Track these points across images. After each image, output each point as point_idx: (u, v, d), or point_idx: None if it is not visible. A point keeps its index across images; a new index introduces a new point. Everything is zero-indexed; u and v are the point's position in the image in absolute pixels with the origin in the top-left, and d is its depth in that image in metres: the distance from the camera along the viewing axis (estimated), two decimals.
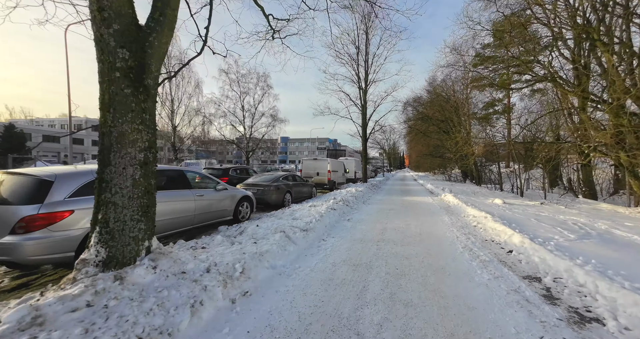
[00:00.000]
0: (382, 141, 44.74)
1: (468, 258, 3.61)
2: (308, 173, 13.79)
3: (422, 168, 46.16)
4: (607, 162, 12.60)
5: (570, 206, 8.56)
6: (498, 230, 4.73)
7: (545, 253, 3.30)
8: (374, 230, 5.35)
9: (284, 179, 8.95)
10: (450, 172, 28.96)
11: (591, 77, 9.82)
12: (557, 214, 6.97)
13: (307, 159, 14.08)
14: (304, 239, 4.20)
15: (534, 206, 8.55)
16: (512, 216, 6.28)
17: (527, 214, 6.83)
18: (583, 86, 8.61)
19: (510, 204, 8.93)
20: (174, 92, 20.79)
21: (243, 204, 6.19)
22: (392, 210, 7.95)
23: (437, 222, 6.12)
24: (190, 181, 4.87)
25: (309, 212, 5.94)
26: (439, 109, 23.42)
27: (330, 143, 75.62)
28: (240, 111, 31.11)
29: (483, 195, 12.11)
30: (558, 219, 6.13)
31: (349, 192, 10.60)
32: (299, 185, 9.66)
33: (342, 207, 7.20)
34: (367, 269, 3.27)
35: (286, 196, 8.47)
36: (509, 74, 24.91)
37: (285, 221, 5.04)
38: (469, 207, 7.25)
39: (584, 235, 4.48)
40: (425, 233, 5.07)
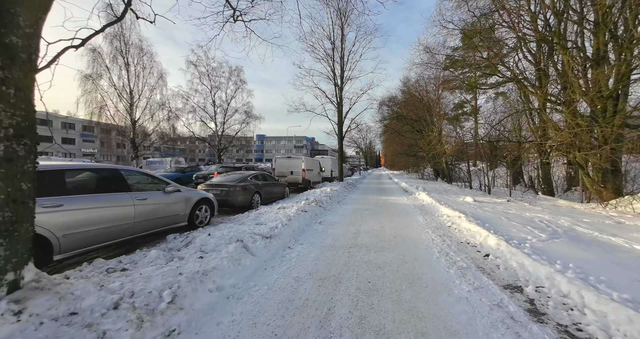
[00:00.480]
0: (359, 139, 45.20)
1: (445, 265, 3.32)
2: (282, 172, 13.14)
3: (397, 167, 47.46)
4: (561, 160, 13.61)
5: (534, 203, 8.91)
6: (473, 231, 4.57)
7: (523, 257, 3.10)
8: (346, 234, 4.94)
9: (253, 179, 8.26)
10: (423, 170, 29.93)
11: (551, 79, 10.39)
12: (524, 212, 7.13)
13: (281, 158, 13.43)
14: (266, 248, 3.64)
15: (502, 204, 8.78)
16: (483, 214, 6.26)
17: (497, 212, 6.89)
18: (544, 88, 9.03)
19: (480, 202, 9.10)
20: (132, 82, 18.85)
21: (201, 207, 5.45)
22: (367, 210, 7.65)
23: (411, 223, 5.89)
24: (129, 183, 4.07)
25: (277, 216, 5.38)
26: (412, 109, 23.94)
27: (307, 141, 75.07)
28: (211, 107, 29.39)
29: (454, 193, 12.39)
30: (525, 217, 6.21)
31: (324, 192, 10.17)
32: (270, 185, 9.02)
33: (314, 209, 6.73)
34: (336, 284, 2.81)
35: (255, 197, 7.80)
36: (476, 77, 26.24)
37: (247, 227, 4.44)
38: (443, 207, 7.17)
39: (553, 234, 4.45)
40: (400, 236, 4.76)
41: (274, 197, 9.34)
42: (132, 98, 18.63)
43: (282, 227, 4.58)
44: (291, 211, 5.90)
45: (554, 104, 8.90)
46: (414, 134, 25.09)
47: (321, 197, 8.65)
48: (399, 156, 32.02)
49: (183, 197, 4.95)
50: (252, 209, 7.51)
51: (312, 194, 9.63)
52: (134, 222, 3.83)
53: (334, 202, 9.05)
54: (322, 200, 8.12)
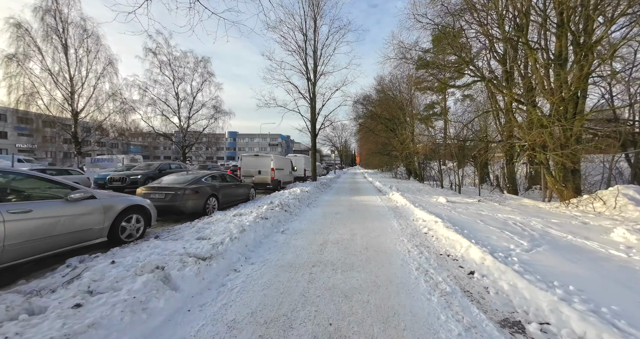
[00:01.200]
0: (334, 138, 44.93)
1: (425, 289, 2.69)
2: (248, 172, 12.04)
3: (371, 165, 48.08)
4: (521, 160, 14.28)
5: (503, 203, 8.93)
6: (452, 240, 4.07)
7: (515, 277, 2.57)
8: (311, 246, 4.18)
9: (209, 180, 7.16)
10: (396, 169, 30.41)
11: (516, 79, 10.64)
12: (496, 213, 6.96)
13: (247, 156, 12.31)
14: (199, 276, 2.73)
15: (473, 204, 8.67)
16: (459, 217, 5.89)
17: (471, 214, 6.62)
18: (513, 88, 9.13)
19: (452, 202, 8.92)
20: (73, 68, 16.20)
21: (130, 217, 4.33)
22: (339, 214, 6.98)
23: (385, 229, 5.31)
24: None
25: (228, 226, 4.44)
26: (386, 108, 24.00)
27: (282, 139, 73.39)
28: (174, 100, 26.90)
29: (427, 193, 12.30)
30: (499, 219, 5.97)
31: (293, 193, 9.34)
32: (231, 186, 7.96)
33: (277, 215, 5.87)
34: (285, 331, 2.02)
35: (210, 200, 6.72)
36: (445, 79, 27.00)
37: (182, 244, 3.47)
38: (417, 209, 6.73)
39: (532, 241, 4.11)
40: (372, 247, 4.11)
41: (236, 200, 8.29)
42: (73, 86, 16.01)
43: (231, 242, 3.68)
44: (248, 219, 4.99)
45: (520, 104, 9.00)
46: (387, 133, 25.22)
47: (289, 199, 7.80)
48: (373, 155, 32.21)
49: (99, 206, 3.81)
50: (207, 215, 6.45)
51: (279, 196, 8.74)
52: (3, 246, 2.68)
53: (303, 205, 8.26)
54: (289, 203, 7.29)
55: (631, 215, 6.41)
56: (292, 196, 8.73)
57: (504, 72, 9.95)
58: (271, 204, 6.79)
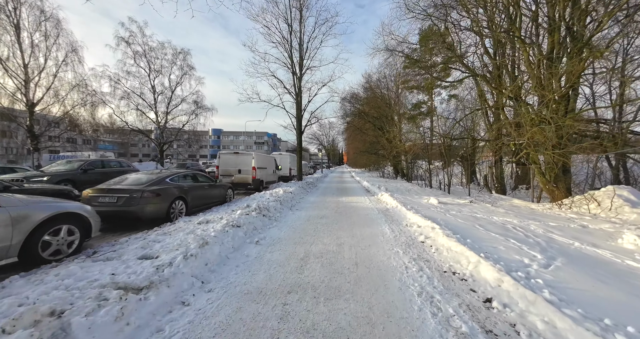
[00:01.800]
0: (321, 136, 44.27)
1: (435, 328, 2.03)
2: (227, 171, 11.07)
3: (358, 165, 47.88)
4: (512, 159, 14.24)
5: (494, 204, 8.57)
6: (455, 251, 3.46)
7: (551, 312, 1.96)
8: (289, 262, 3.43)
9: (176, 180, 6.22)
10: (384, 169, 30.19)
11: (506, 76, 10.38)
12: (491, 215, 6.52)
13: (226, 153, 11.33)
14: (119, 321, 1.91)
15: (466, 205, 8.25)
16: (455, 222, 5.35)
17: (466, 217, 6.12)
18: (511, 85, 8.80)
19: (444, 203, 8.47)
20: (27, 54, 14.40)
21: (59, 229, 3.39)
22: (324, 218, 6.27)
23: (377, 237, 4.65)
24: None
25: (187, 238, 3.61)
26: (374, 106, 23.61)
27: (269, 137, 71.84)
28: (151, 94, 25.12)
29: (416, 193, 11.87)
30: (497, 223, 5.50)
31: (275, 194, 8.53)
32: (203, 187, 7.04)
33: (253, 221, 5.07)
34: None
35: (176, 204, 5.80)
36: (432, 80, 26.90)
37: (112, 267, 2.61)
38: (410, 212, 6.14)
39: (543, 251, 3.58)
40: (363, 263, 3.43)
41: (209, 203, 7.37)
42: (28, 74, 14.20)
43: (184, 261, 2.86)
44: (216, 227, 4.16)
45: (512, 100, 8.68)
46: (375, 131, 24.86)
47: (269, 202, 7.00)
48: (361, 154, 31.84)
49: (5, 218, 2.87)
50: (171, 221, 5.54)
51: (259, 198, 7.91)
52: None
53: (286, 208, 7.48)
54: (269, 206, 6.49)
55: (629, 217, 6.15)
56: (273, 197, 7.93)
57: (494, 68, 9.61)
58: (247, 207, 5.96)
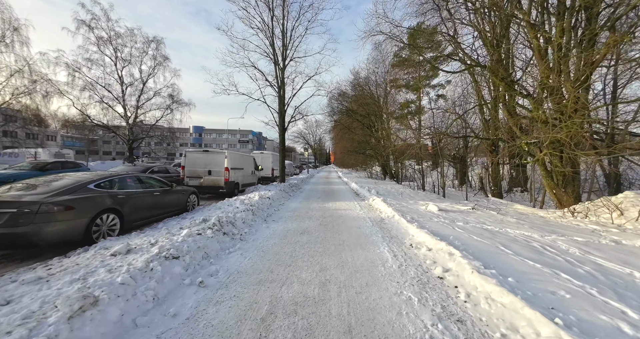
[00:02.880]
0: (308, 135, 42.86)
1: None
2: (195, 172, 9.46)
3: (346, 165, 46.93)
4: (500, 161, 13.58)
5: (500, 211, 7.61)
6: (501, 304, 2.24)
7: None
8: (241, 328, 2.08)
9: (106, 185, 4.65)
10: (371, 169, 29.29)
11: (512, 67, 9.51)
12: (504, 227, 5.48)
13: (194, 152, 9.72)
14: None
15: (469, 213, 7.22)
16: (471, 241, 4.19)
17: (479, 231, 5.01)
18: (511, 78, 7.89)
19: (445, 210, 7.40)
20: None
21: None
22: (306, 234, 4.94)
23: (375, 268, 3.39)
24: None
25: (65, 292, 2.16)
26: (362, 103, 22.59)
27: (254, 136, 69.48)
28: (118, 85, 22.65)
29: (410, 197, 10.81)
30: (519, 241, 4.42)
31: (248, 201, 7.10)
32: (151, 194, 5.48)
33: (206, 244, 3.65)
34: None
35: (103, 219, 4.25)
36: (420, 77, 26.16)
37: None
38: (412, 226, 4.93)
39: (620, 296, 2.48)
40: (360, 323, 2.14)
41: (162, 213, 5.82)
42: None
43: None
44: (135, 262, 2.72)
45: (520, 96, 7.77)
46: (364, 130, 23.87)
47: (237, 212, 5.57)
48: (348, 153, 30.79)
49: None
50: (95, 242, 4.01)
51: (225, 207, 6.45)
52: None
53: (259, 219, 6.07)
54: (235, 219, 5.06)
55: None
56: (245, 205, 6.49)
57: (497, 60, 8.69)
58: (203, 222, 4.51)
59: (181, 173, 9.40)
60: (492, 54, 7.67)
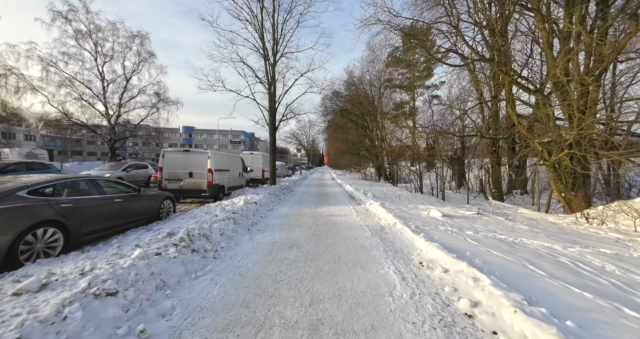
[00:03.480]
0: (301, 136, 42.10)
1: None
2: (174, 174, 8.56)
3: (339, 166, 46.30)
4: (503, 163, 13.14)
5: (507, 217, 7.02)
6: None
7: None
8: None
9: (45, 192, 3.77)
10: (365, 170, 28.70)
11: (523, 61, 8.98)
12: (519, 237, 4.86)
13: (173, 151, 8.81)
14: None
15: (476, 219, 6.60)
16: (492, 258, 3.51)
17: (495, 243, 4.37)
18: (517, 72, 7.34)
19: (449, 216, 6.76)
20: None
21: None
22: (295, 249, 4.17)
23: (382, 297, 2.65)
24: None
25: None
26: (357, 103, 22.00)
27: (246, 136, 68.19)
28: (99, 81, 21.36)
29: (408, 200, 10.17)
30: (544, 255, 3.80)
31: (231, 207, 6.27)
32: (111, 201, 4.60)
33: (164, 269, 2.84)
34: None
35: (37, 235, 3.38)
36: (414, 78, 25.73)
37: None
38: (419, 238, 4.23)
39: None
40: None
41: (127, 223, 4.94)
42: None
43: None
44: (44, 308, 1.91)
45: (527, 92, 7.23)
46: (358, 130, 23.27)
47: (214, 222, 4.75)
48: (342, 154, 30.13)
49: None
50: (23, 265, 3.13)
51: (202, 215, 5.61)
52: None
53: (242, 229, 5.26)
54: (210, 231, 4.26)
55: None
56: (226, 212, 5.67)
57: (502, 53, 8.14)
58: (169, 237, 3.69)
59: (158, 175, 8.48)
60: (501, 45, 7.09)
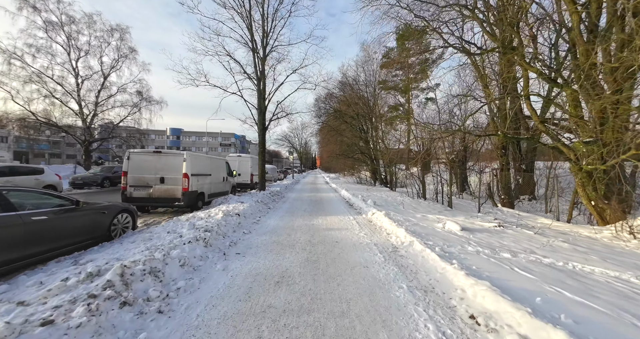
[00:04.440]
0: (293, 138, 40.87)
1: None
2: (142, 179, 7.20)
3: (333, 169, 45.22)
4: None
5: (533, 230, 6.05)
6: None
7: None
8: None
9: None
10: (360, 173, 27.69)
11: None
12: (565, 259, 3.86)
13: (140, 153, 7.46)
14: None
15: (499, 233, 5.56)
16: (576, 309, 2.43)
17: (544, 269, 3.31)
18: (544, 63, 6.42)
19: (469, 230, 5.70)
20: None
21: None
22: (283, 286, 2.97)
23: None
24: None
25: None
26: (351, 103, 21.07)
27: (236, 139, 66.39)
28: (73, 78, 19.62)
29: (413, 208, 9.11)
30: (631, 295, 2.71)
31: (204, 222, 5.00)
32: (28, 219, 3.27)
33: None
34: None
35: None
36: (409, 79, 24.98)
37: None
38: (456, 271, 3.09)
39: None
40: None
41: (55, 249, 3.61)
42: None
43: None
44: None
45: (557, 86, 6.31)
46: (353, 132, 22.28)
47: (176, 246, 3.49)
48: (337, 157, 29.08)
49: None
50: None
51: (166, 233, 4.32)
52: None
53: (215, 252, 4.00)
54: (165, 263, 3.01)
55: None
56: (196, 230, 4.41)
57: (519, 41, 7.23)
58: (90, 279, 2.43)
59: (122, 181, 7.10)
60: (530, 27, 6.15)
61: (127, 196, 7.07)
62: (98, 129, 21.69)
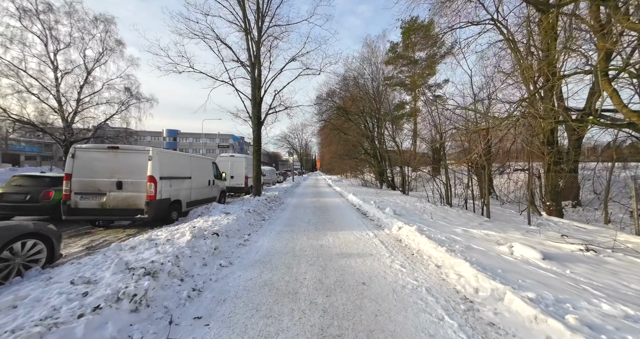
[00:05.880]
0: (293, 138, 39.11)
1: None
2: (92, 185, 5.39)
3: (334, 171, 43.36)
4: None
5: (633, 254, 4.24)
6: None
7: None
8: None
9: None
10: (364, 175, 25.87)
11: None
12: None
13: (89, 149, 5.69)
14: None
15: (598, 263, 3.74)
16: None
17: None
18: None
19: (550, 258, 3.88)
20: None
21: None
22: None
23: None
24: None
25: None
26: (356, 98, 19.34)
27: (235, 140, 64.69)
28: (51, 71, 17.88)
29: (444, 219, 7.28)
30: None
31: (154, 255, 3.18)
32: None
33: None
34: None
35: None
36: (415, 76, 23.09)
37: None
38: None
39: None
40: None
41: None
42: None
43: None
44: None
45: None
46: (359, 130, 20.52)
47: (110, 297, 1.69)
48: (339, 158, 27.29)
49: None
50: None
51: (77, 277, 2.50)
52: None
53: (151, 325, 2.20)
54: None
55: None
56: (129, 274, 2.60)
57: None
58: None
59: (64, 187, 5.30)
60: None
61: (70, 207, 5.26)
62: (80, 128, 19.92)
